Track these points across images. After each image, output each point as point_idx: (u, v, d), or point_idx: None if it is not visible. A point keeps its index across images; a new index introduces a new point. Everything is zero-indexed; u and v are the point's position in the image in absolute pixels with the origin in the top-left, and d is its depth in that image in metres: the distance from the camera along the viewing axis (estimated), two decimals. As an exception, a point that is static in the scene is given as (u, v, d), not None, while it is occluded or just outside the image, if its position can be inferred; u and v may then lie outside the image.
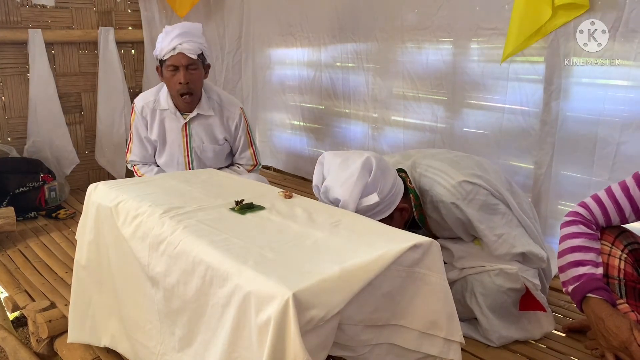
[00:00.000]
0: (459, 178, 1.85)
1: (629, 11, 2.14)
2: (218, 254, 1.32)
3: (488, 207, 1.86)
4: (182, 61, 2.59)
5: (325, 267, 1.23)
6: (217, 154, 2.86)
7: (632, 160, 2.22)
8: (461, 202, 1.84)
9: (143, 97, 2.83)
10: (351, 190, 1.73)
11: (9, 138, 3.47)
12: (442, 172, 1.90)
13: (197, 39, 2.66)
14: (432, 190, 1.89)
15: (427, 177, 1.92)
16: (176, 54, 2.59)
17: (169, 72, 2.63)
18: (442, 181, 1.87)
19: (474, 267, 1.90)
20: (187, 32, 2.63)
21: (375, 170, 1.77)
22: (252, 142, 2.96)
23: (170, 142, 2.83)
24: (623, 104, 2.25)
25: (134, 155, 2.88)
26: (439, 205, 1.88)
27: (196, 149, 2.82)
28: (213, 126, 2.81)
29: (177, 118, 2.77)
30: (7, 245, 2.83)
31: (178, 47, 2.58)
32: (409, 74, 3.12)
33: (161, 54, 2.63)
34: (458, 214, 1.86)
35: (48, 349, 2.10)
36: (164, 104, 2.75)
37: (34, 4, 3.41)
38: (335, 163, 1.81)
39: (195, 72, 2.64)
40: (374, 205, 1.76)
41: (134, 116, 2.82)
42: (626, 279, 1.68)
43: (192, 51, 2.60)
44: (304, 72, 3.84)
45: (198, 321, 1.38)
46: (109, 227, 1.72)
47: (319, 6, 3.58)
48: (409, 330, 1.38)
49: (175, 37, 2.59)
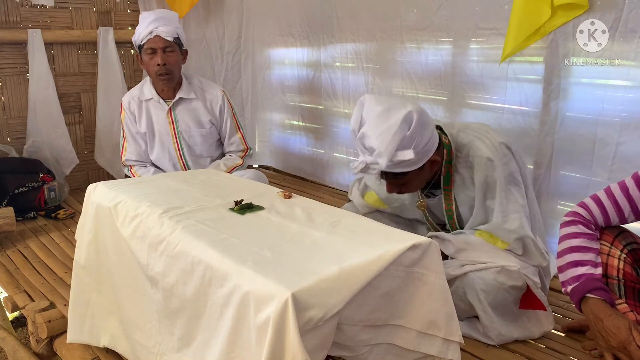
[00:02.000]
0: (500, 140, 1.94)
1: (628, 11, 2.14)
2: (217, 254, 1.32)
3: (513, 179, 1.92)
4: (158, 44, 2.71)
5: (324, 267, 1.23)
6: (204, 138, 2.93)
7: (632, 161, 2.22)
8: (497, 161, 1.89)
9: (129, 93, 2.95)
10: (387, 143, 1.75)
11: (9, 138, 3.47)
12: (483, 132, 1.98)
13: (173, 24, 2.78)
14: (471, 144, 1.94)
15: (466, 134, 1.98)
16: (153, 37, 2.71)
17: (147, 55, 2.75)
18: (484, 138, 1.94)
19: (475, 263, 1.90)
20: (163, 17, 2.76)
21: (415, 126, 1.77)
22: (239, 126, 3.03)
23: (158, 131, 2.91)
24: (622, 104, 2.25)
25: (129, 154, 2.92)
26: (474, 161, 1.92)
27: (184, 134, 2.90)
28: (197, 110, 2.91)
29: (161, 105, 2.87)
30: (7, 246, 2.83)
31: (154, 30, 2.70)
32: (408, 74, 3.12)
33: (139, 39, 2.75)
34: (488, 173, 1.90)
35: (47, 349, 2.10)
36: (147, 93, 2.87)
37: (34, 4, 3.41)
38: (375, 111, 1.80)
39: (172, 54, 2.75)
40: (408, 160, 1.78)
41: (124, 114, 2.92)
42: (625, 279, 1.68)
43: (168, 34, 2.72)
44: (304, 72, 3.84)
45: (197, 321, 1.38)
46: (108, 227, 1.72)
47: (319, 6, 3.58)
48: (408, 330, 1.38)
49: (151, 21, 2.71)
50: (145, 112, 2.89)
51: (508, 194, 1.92)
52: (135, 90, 2.94)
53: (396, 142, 1.75)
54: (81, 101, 3.74)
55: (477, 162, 1.93)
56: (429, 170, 1.93)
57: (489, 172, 1.91)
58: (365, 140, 1.80)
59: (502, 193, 1.91)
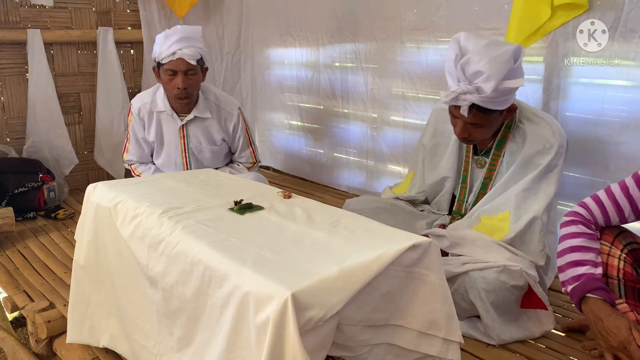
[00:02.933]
0: (565, 135, 2.02)
1: (627, 11, 2.14)
2: (217, 254, 1.32)
3: (554, 173, 1.99)
4: (181, 67, 2.58)
5: (324, 267, 1.23)
6: (215, 154, 2.86)
7: (631, 160, 2.22)
8: (553, 148, 1.97)
9: (140, 98, 2.82)
10: (499, 68, 1.82)
11: (8, 138, 3.47)
12: (552, 120, 2.06)
13: (197, 44, 2.63)
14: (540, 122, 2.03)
15: (536, 113, 2.09)
16: (175, 59, 2.57)
17: (167, 75, 2.62)
18: (552, 124, 2.03)
19: (477, 262, 1.90)
20: (188, 37, 2.60)
21: (520, 62, 1.87)
22: (252, 142, 2.95)
23: (167, 143, 2.82)
24: (622, 104, 2.25)
25: (130, 155, 2.89)
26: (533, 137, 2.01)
27: (194, 150, 2.82)
28: (210, 128, 2.81)
29: (174, 120, 2.76)
30: (6, 246, 2.83)
31: (178, 52, 2.56)
32: (408, 74, 3.12)
33: (160, 57, 2.61)
34: (539, 154, 1.99)
35: (47, 350, 2.10)
36: (160, 105, 2.74)
37: (33, 4, 3.41)
38: (481, 42, 1.90)
39: (193, 77, 2.63)
40: (509, 90, 1.86)
41: (131, 117, 2.81)
42: (625, 278, 1.68)
43: (191, 57, 2.58)
44: (303, 72, 3.84)
45: (197, 321, 1.38)
46: (108, 227, 1.72)
47: (318, 6, 3.58)
48: (408, 330, 1.38)
49: (175, 41, 2.56)
50: (155, 122, 2.79)
51: (542, 181, 1.99)
52: (146, 96, 2.81)
53: (506, 70, 1.84)
54: (81, 101, 3.74)
55: (535, 139, 2.01)
56: (501, 119, 2.01)
57: (540, 153, 1.99)
58: (471, 65, 1.85)
59: (537, 177, 1.98)
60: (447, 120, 2.20)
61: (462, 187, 2.23)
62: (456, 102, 1.92)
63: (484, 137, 2.07)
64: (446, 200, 2.29)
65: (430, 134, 2.34)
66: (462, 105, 1.92)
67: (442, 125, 2.29)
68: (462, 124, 1.99)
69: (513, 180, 2.04)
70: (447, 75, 1.99)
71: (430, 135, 2.33)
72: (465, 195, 2.22)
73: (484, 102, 1.88)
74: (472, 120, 1.96)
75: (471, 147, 2.19)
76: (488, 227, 2.01)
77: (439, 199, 2.32)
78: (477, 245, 1.95)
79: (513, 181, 2.04)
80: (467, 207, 2.20)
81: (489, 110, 1.92)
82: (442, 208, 2.31)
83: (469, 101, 1.89)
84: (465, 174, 2.21)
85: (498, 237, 1.97)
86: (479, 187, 2.17)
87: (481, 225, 2.04)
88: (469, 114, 1.93)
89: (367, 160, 3.51)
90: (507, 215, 1.99)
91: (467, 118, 1.95)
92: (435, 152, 2.31)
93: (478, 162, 2.18)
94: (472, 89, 1.86)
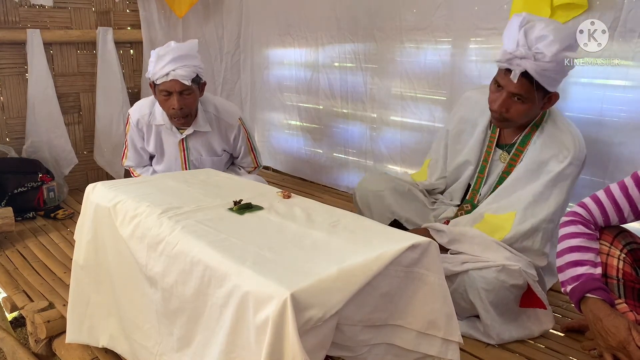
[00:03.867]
0: (585, 149, 2.04)
1: (627, 11, 2.14)
2: (216, 254, 1.32)
3: (566, 183, 2.00)
4: (175, 87, 2.49)
5: (324, 267, 1.23)
6: (215, 164, 2.82)
7: (631, 161, 2.22)
8: (569, 158, 1.99)
9: (139, 109, 2.76)
10: (565, 35, 1.88)
11: (8, 138, 3.46)
12: (577, 132, 2.07)
13: (192, 62, 2.53)
14: (564, 128, 2.06)
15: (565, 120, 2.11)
16: (169, 80, 2.48)
17: (162, 96, 2.55)
18: (575, 135, 2.04)
19: (477, 261, 1.90)
20: (181, 56, 2.50)
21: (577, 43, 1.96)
22: (253, 148, 2.93)
23: (167, 154, 2.80)
24: (621, 104, 2.25)
25: (129, 161, 2.89)
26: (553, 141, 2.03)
27: (194, 162, 2.79)
28: (211, 140, 2.78)
29: (174, 133, 2.73)
30: (6, 246, 2.83)
31: (171, 73, 2.47)
32: (407, 74, 3.12)
33: (154, 77, 2.53)
34: (555, 160, 2.00)
35: (46, 350, 2.09)
36: (159, 119, 2.70)
37: (33, 4, 3.41)
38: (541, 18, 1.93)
39: (189, 97, 2.55)
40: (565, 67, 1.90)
41: (129, 127, 2.77)
42: (625, 278, 1.68)
43: (186, 77, 2.48)
44: (302, 72, 3.84)
45: (196, 321, 1.38)
46: (107, 227, 1.72)
47: (318, 7, 3.58)
48: (408, 330, 1.38)
49: (168, 62, 2.47)
50: (154, 135, 2.75)
51: (554, 188, 1.99)
52: (145, 107, 2.73)
53: (570, 40, 1.88)
54: (80, 101, 3.74)
55: (553, 144, 2.02)
56: (539, 110, 2.03)
57: (554, 159, 2.00)
58: (536, 30, 1.87)
59: (550, 183, 1.99)
60: (474, 108, 2.24)
61: (479, 176, 2.23)
62: (509, 64, 1.92)
63: (519, 120, 2.04)
64: (461, 189, 2.29)
65: (456, 121, 2.34)
66: (514, 70, 1.91)
67: (469, 112, 2.29)
68: (505, 95, 1.98)
69: (522, 181, 2.05)
70: (505, 38, 1.97)
71: (456, 121, 2.33)
72: (480, 185, 2.22)
73: (538, 72, 1.88)
74: (517, 90, 1.94)
75: (495, 139, 2.19)
76: (490, 224, 2.02)
77: (454, 187, 2.31)
78: (476, 243, 1.95)
79: (522, 181, 2.05)
80: (481, 199, 2.20)
81: (537, 85, 1.92)
82: (456, 197, 2.30)
83: (522, 67, 1.89)
84: (485, 165, 2.21)
85: (499, 236, 1.97)
86: (496, 180, 2.17)
87: (484, 222, 2.04)
88: (518, 82, 1.92)
89: (366, 160, 3.52)
90: (513, 215, 1.99)
91: (514, 85, 1.93)
92: (459, 139, 2.31)
93: (501, 156, 2.17)
94: (530, 55, 1.87)
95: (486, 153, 2.22)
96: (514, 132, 2.14)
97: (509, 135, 2.16)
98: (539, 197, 1.99)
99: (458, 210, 2.25)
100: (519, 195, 2.03)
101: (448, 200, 2.33)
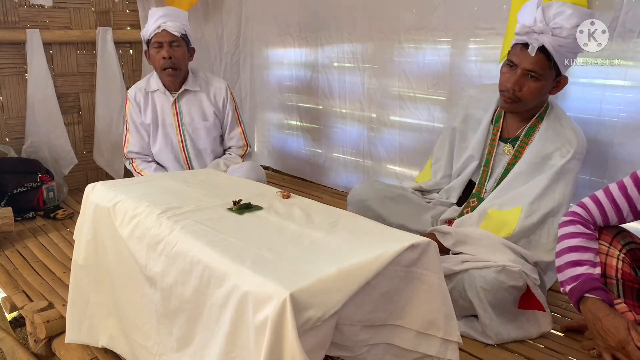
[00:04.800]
0: (586, 143, 2.08)
1: (625, 11, 2.15)
2: (216, 254, 1.32)
3: (569, 177, 2.02)
4: (165, 38, 2.79)
5: (323, 267, 1.23)
6: (208, 130, 2.98)
7: (630, 160, 2.22)
8: (572, 151, 2.01)
9: (135, 85, 3.00)
10: (582, 12, 1.91)
11: (7, 138, 3.46)
12: (578, 128, 2.10)
13: (181, 20, 2.85)
14: (567, 123, 2.08)
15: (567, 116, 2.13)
16: (160, 31, 2.79)
17: (154, 49, 2.83)
18: (577, 130, 2.07)
19: (476, 260, 1.91)
20: (170, 13, 2.83)
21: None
22: (241, 121, 3.09)
23: (162, 122, 2.95)
24: (620, 104, 2.25)
25: (131, 146, 2.96)
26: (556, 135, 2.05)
27: (187, 127, 2.95)
28: (201, 102, 2.97)
29: (167, 97, 2.92)
30: (5, 246, 2.83)
31: (162, 25, 2.78)
32: (405, 74, 3.12)
33: (147, 34, 2.83)
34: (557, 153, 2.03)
35: (46, 350, 2.09)
36: (153, 85, 2.93)
37: (32, 4, 3.41)
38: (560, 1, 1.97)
39: (178, 48, 2.82)
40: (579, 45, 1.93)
41: (128, 104, 2.96)
42: (624, 278, 1.69)
43: (175, 29, 2.79)
44: (301, 72, 3.84)
45: (196, 321, 1.38)
46: (107, 227, 1.72)
47: (317, 7, 3.58)
48: (407, 330, 1.38)
49: (159, 17, 2.79)
50: (150, 103, 2.95)
51: (559, 181, 2.01)
52: (141, 82, 3.00)
53: (587, 16, 1.90)
54: (80, 101, 3.74)
55: (556, 139, 2.04)
56: (551, 88, 2.04)
57: (557, 154, 2.03)
58: (553, 8, 1.90)
59: (554, 177, 2.01)
60: (478, 107, 2.27)
61: (484, 170, 2.24)
62: (528, 38, 1.95)
63: (530, 100, 2.04)
64: (460, 186, 2.30)
65: (461, 118, 2.35)
66: (532, 44, 1.94)
67: (473, 111, 2.31)
68: (519, 72, 1.99)
69: (526, 175, 2.07)
70: (520, 16, 2.00)
71: (461, 119, 2.35)
72: (486, 179, 2.23)
73: (555, 47, 1.91)
74: (533, 66, 1.96)
75: (498, 132, 2.21)
76: (496, 221, 2.02)
77: (453, 185, 2.32)
78: (482, 245, 1.95)
79: (526, 175, 2.07)
80: (487, 192, 2.21)
81: (552, 63, 1.95)
82: (453, 195, 2.31)
83: (540, 42, 1.92)
84: (489, 157, 2.22)
85: (506, 232, 1.98)
86: (501, 172, 2.18)
87: (489, 218, 2.04)
88: (535, 56, 1.95)
89: (365, 160, 3.52)
90: (519, 210, 2.00)
91: (530, 60, 1.95)
92: (465, 137, 2.33)
93: (505, 149, 2.19)
94: (547, 30, 1.90)
95: (490, 147, 2.23)
96: (516, 125, 2.16)
97: (512, 128, 2.18)
98: (544, 191, 2.01)
99: (464, 207, 2.25)
100: (524, 190, 2.04)
101: (444, 199, 2.33)
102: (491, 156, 2.21)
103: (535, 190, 2.01)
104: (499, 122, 2.21)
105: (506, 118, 2.20)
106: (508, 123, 2.19)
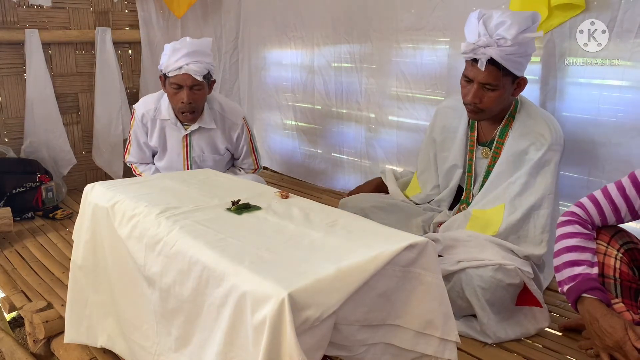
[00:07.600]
0: (562, 133, 2.09)
1: (623, 11, 2.15)
2: (214, 254, 1.32)
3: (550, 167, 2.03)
4: (187, 82, 2.55)
5: (321, 267, 1.23)
6: (217, 162, 2.84)
7: (628, 160, 2.22)
8: (548, 144, 2.02)
9: (144, 103, 2.79)
10: (521, 19, 1.93)
11: (6, 138, 3.47)
12: (551, 119, 2.13)
13: (205, 59, 2.59)
14: (537, 118, 2.09)
15: (538, 109, 2.16)
16: (182, 73, 2.53)
17: (172, 89, 2.59)
18: (550, 122, 2.08)
19: (472, 260, 1.91)
20: (196, 51, 2.56)
21: (537, 25, 2.00)
22: (255, 150, 2.95)
23: (170, 149, 2.81)
24: (618, 104, 2.25)
25: (132, 157, 2.89)
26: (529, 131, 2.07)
27: (196, 159, 2.80)
28: (214, 138, 2.79)
29: (178, 128, 2.74)
30: (4, 246, 2.83)
31: (185, 67, 2.52)
32: (403, 75, 3.12)
33: (166, 70, 2.58)
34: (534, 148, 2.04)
35: (45, 350, 2.10)
36: (164, 113, 2.72)
37: (31, 4, 3.41)
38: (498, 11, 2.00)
39: (199, 92, 2.60)
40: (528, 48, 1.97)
41: (134, 122, 2.79)
42: (622, 278, 1.69)
43: (198, 72, 2.54)
44: (299, 73, 3.84)
45: (194, 321, 1.38)
46: (106, 228, 1.72)
47: (315, 7, 3.58)
48: (405, 329, 1.38)
49: (183, 56, 2.52)
50: (158, 129, 2.77)
51: (537, 175, 2.02)
52: (151, 102, 2.77)
53: (527, 23, 1.93)
54: (79, 101, 3.74)
55: (528, 134, 2.06)
56: (512, 90, 2.05)
57: (532, 148, 2.04)
58: (494, 19, 1.94)
59: (532, 171, 2.02)
60: (453, 116, 2.28)
61: (468, 175, 2.27)
62: (475, 54, 1.97)
63: (493, 109, 2.06)
64: (450, 195, 2.33)
65: (439, 129, 2.37)
66: (480, 59, 1.96)
67: (450, 121, 2.33)
68: (476, 86, 2.02)
69: (505, 173, 2.09)
70: (466, 32, 2.03)
71: (439, 130, 2.37)
72: (472, 184, 2.26)
73: (503, 57, 1.93)
74: (486, 80, 1.99)
75: (475, 137, 2.23)
76: (481, 220, 2.04)
77: (443, 194, 2.35)
78: (471, 246, 1.96)
79: (505, 174, 2.09)
80: (475, 197, 2.22)
81: (504, 71, 1.96)
82: (444, 204, 2.34)
83: (487, 55, 1.94)
84: (471, 163, 2.25)
85: (492, 231, 2.00)
86: (484, 175, 2.20)
87: (474, 219, 2.07)
88: (485, 70, 1.97)
89: (362, 161, 3.52)
90: (501, 208, 2.02)
91: (482, 74, 1.98)
92: (444, 146, 2.35)
93: (483, 152, 2.21)
94: (492, 42, 1.93)
95: (469, 152, 2.26)
96: (491, 128, 2.18)
97: (487, 131, 2.20)
98: (524, 186, 2.03)
99: (454, 213, 2.27)
100: (504, 188, 2.06)
101: (436, 206, 2.36)
102: (472, 161, 2.25)
103: (516, 186, 2.04)
104: (475, 128, 2.24)
105: (480, 123, 2.23)
106: (483, 127, 2.22)
